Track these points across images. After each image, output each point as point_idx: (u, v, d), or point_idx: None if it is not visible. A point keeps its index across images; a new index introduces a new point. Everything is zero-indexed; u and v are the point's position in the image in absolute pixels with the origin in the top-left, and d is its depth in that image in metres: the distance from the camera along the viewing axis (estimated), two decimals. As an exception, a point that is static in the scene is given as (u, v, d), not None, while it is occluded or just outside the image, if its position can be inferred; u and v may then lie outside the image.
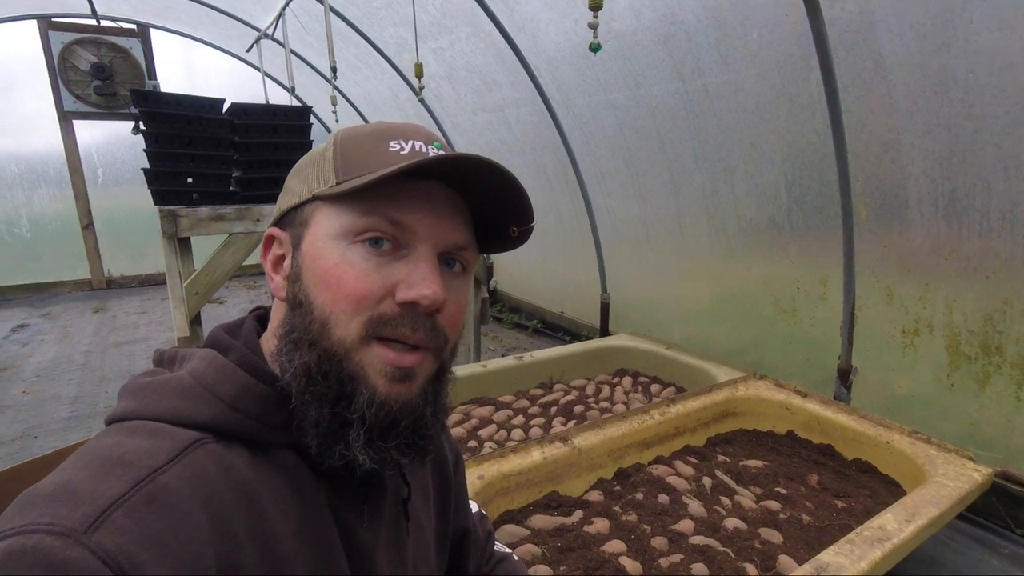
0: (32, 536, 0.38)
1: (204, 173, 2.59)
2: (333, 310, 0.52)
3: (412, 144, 0.56)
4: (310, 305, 0.53)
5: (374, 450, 0.52)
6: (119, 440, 0.47)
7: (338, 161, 0.55)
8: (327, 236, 0.54)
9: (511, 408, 2.60)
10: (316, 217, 0.55)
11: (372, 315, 0.52)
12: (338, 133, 0.59)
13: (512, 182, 0.56)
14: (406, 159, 0.54)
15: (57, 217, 6.43)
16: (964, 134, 1.99)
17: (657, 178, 3.38)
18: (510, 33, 3.59)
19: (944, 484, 1.70)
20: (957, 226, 2.11)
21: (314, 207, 0.55)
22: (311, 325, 0.53)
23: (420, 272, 0.53)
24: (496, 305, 5.64)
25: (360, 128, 0.59)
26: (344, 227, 0.53)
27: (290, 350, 0.54)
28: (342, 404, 0.52)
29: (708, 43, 2.68)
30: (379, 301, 0.52)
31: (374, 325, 0.52)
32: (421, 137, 0.57)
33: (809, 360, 2.77)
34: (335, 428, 0.52)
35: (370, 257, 0.53)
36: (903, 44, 2.04)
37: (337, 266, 0.52)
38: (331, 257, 0.53)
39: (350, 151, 0.55)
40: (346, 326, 0.52)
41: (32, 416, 3.29)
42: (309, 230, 0.55)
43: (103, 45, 6.15)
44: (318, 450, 0.53)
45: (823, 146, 2.41)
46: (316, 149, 0.60)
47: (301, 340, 0.53)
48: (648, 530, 1.73)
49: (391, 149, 0.55)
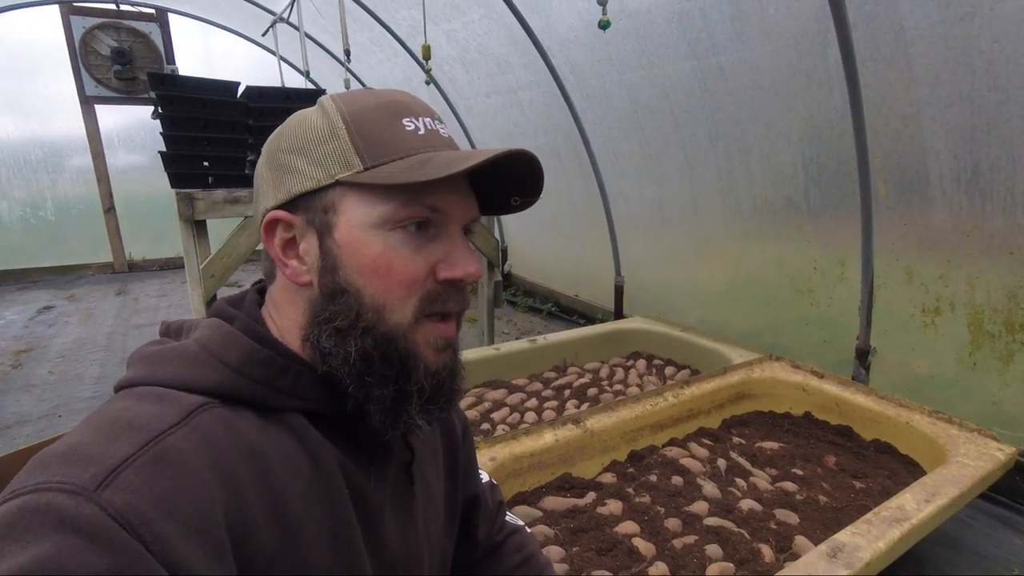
0: (45, 494, 0.39)
1: (219, 156, 2.61)
2: (388, 297, 0.55)
3: (423, 121, 0.57)
4: (359, 293, 0.54)
5: (426, 413, 0.58)
6: (128, 405, 0.48)
7: (357, 142, 0.54)
8: (365, 225, 0.54)
9: (524, 391, 2.60)
10: (345, 204, 0.54)
11: (420, 296, 0.56)
12: (339, 105, 0.56)
13: (539, 172, 0.60)
14: (426, 140, 0.56)
15: (80, 200, 6.55)
16: (988, 106, 1.93)
17: (671, 159, 3.34)
18: (523, 14, 3.54)
19: (965, 464, 1.67)
20: (980, 202, 2.06)
21: (340, 193, 0.54)
22: (363, 313, 0.54)
23: (458, 251, 0.57)
24: (510, 289, 5.64)
25: (361, 99, 0.57)
26: (384, 216, 0.54)
27: (334, 337, 0.55)
28: (401, 380, 0.56)
29: (723, 20, 2.62)
30: (424, 281, 0.56)
31: (424, 304, 0.56)
32: (424, 111, 0.58)
33: (826, 341, 2.73)
34: (398, 402, 0.56)
35: (410, 241, 0.55)
36: (925, 15, 1.97)
37: (383, 254, 0.54)
38: (375, 246, 0.54)
39: (367, 131, 0.54)
40: (401, 311, 0.55)
41: (57, 395, 3.38)
42: (340, 217, 0.54)
43: (123, 30, 6.20)
44: (383, 424, 0.57)
45: (841, 123, 2.35)
46: (311, 120, 0.56)
47: (352, 328, 0.54)
48: (662, 511, 1.73)
49: (407, 128, 0.56)
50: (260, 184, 0.60)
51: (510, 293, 5.52)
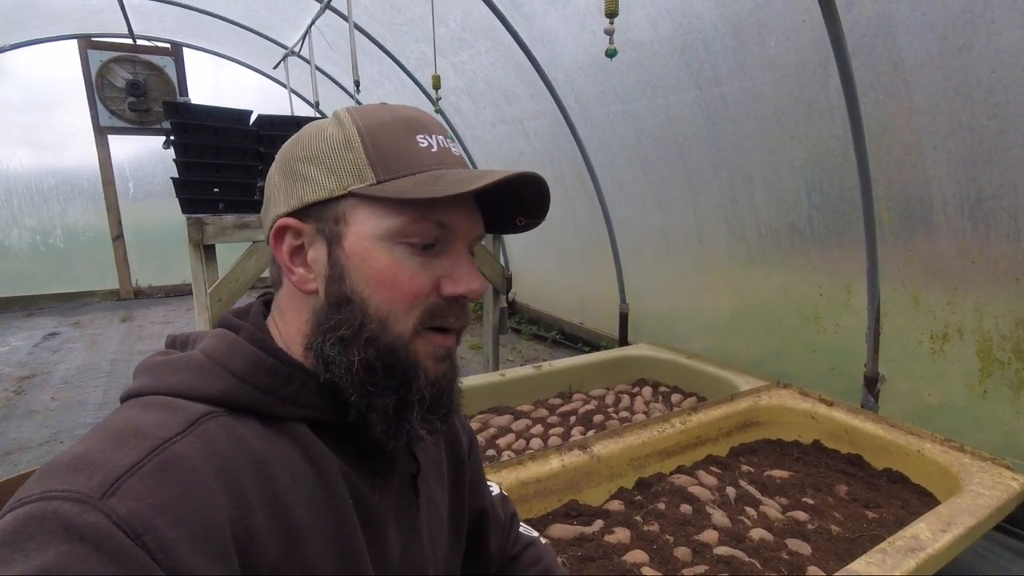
0: (51, 502, 0.39)
1: (230, 182, 2.65)
2: (392, 309, 0.55)
3: (436, 139, 0.58)
4: (364, 304, 0.55)
5: (427, 423, 0.58)
6: (134, 414, 0.48)
7: (372, 156, 0.55)
8: (374, 237, 0.55)
9: (529, 417, 2.58)
10: (356, 215, 0.55)
11: (423, 309, 0.56)
12: (355, 118, 0.57)
13: (545, 194, 0.61)
14: (438, 158, 0.57)
15: (89, 228, 6.65)
16: (988, 135, 1.95)
17: (675, 187, 3.37)
18: (529, 46, 3.63)
19: (980, 493, 1.64)
20: (984, 228, 2.06)
21: (351, 204, 0.55)
22: (367, 323, 0.55)
23: (463, 268, 0.58)
24: (514, 317, 5.64)
25: (376, 114, 0.58)
26: (392, 230, 0.55)
27: (337, 346, 0.55)
28: (403, 390, 0.56)
29: (725, 51, 2.68)
30: (428, 296, 0.56)
31: (425, 318, 0.57)
32: (438, 129, 0.59)
33: (834, 369, 2.71)
34: (400, 411, 0.56)
35: (416, 255, 0.56)
36: (923, 46, 2.01)
37: (390, 267, 0.55)
38: (383, 258, 0.55)
39: (382, 145, 0.55)
40: (404, 322, 0.56)
41: (59, 421, 3.37)
42: (351, 228, 0.55)
43: (138, 63, 6.39)
44: (385, 433, 0.57)
45: (843, 151, 2.38)
46: (327, 131, 0.57)
47: (355, 337, 0.55)
48: (671, 540, 1.70)
49: (421, 145, 0.56)
50: (271, 191, 0.60)
51: (514, 321, 5.51)
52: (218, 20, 5.67)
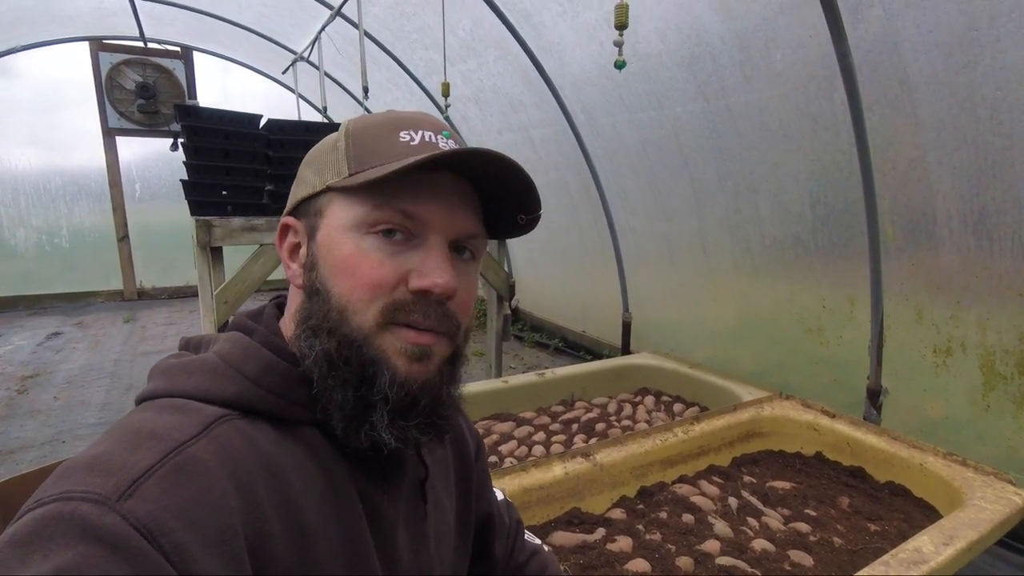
0: (69, 503, 0.40)
1: (239, 185, 2.68)
2: (350, 298, 0.54)
3: (422, 134, 0.57)
4: (327, 293, 0.55)
5: (397, 429, 0.54)
6: (149, 416, 0.49)
7: (350, 152, 0.56)
8: (341, 227, 0.55)
9: (532, 424, 2.58)
10: (330, 208, 0.57)
11: (387, 302, 0.54)
12: (349, 123, 0.60)
13: (519, 173, 0.58)
14: (417, 150, 0.55)
15: (95, 229, 6.68)
16: (993, 151, 1.97)
17: (680, 197, 3.39)
18: (537, 56, 3.67)
19: (983, 507, 1.64)
20: (988, 244, 2.08)
21: (328, 198, 0.57)
22: (329, 313, 0.54)
23: (432, 262, 0.55)
24: (518, 324, 5.64)
25: (371, 118, 0.60)
26: (358, 219, 0.55)
27: (309, 336, 0.55)
28: (364, 387, 0.54)
29: (732, 64, 2.70)
30: (393, 288, 0.54)
31: (389, 311, 0.54)
32: (430, 126, 0.59)
33: (837, 381, 2.71)
34: (360, 410, 0.54)
35: (383, 246, 0.54)
36: (929, 63, 2.03)
37: (352, 256, 0.54)
38: (346, 247, 0.55)
39: (361, 142, 0.57)
40: (363, 313, 0.54)
41: (61, 421, 3.38)
42: (324, 220, 0.57)
43: (148, 66, 6.45)
44: (344, 432, 0.54)
45: (848, 165, 2.40)
46: (329, 138, 0.61)
47: (320, 327, 0.55)
48: (673, 549, 1.70)
49: (401, 140, 0.56)
50: (289, 196, 0.64)
51: (517, 328, 5.52)
52: (229, 25, 5.72)
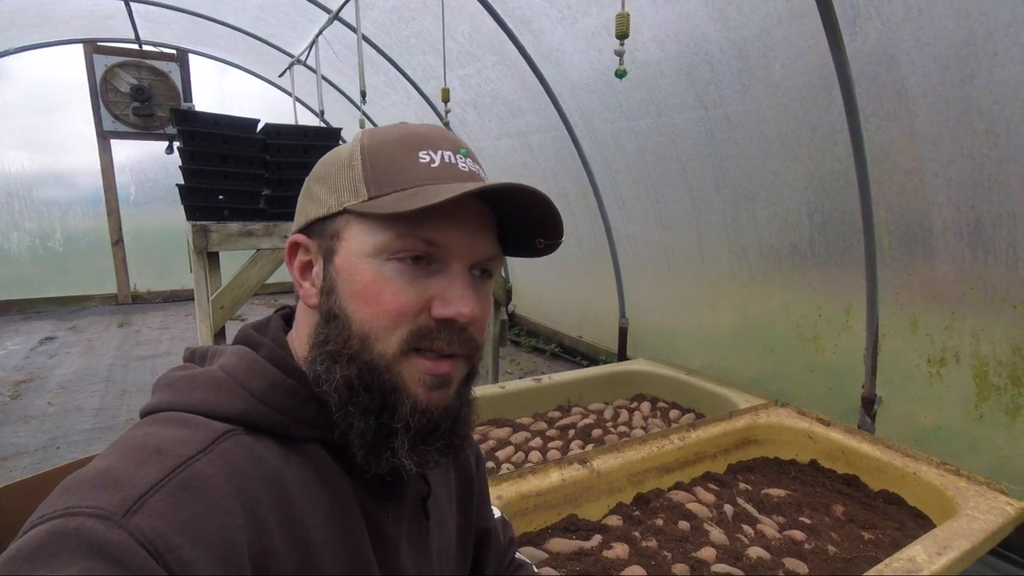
0: (75, 519, 0.40)
1: (236, 190, 2.67)
2: (373, 325, 0.54)
3: (441, 155, 0.56)
4: (347, 320, 0.54)
5: (417, 454, 0.55)
6: (154, 430, 0.49)
7: (368, 173, 0.55)
8: (362, 253, 0.54)
9: (528, 430, 2.59)
10: (348, 232, 0.55)
11: (410, 329, 0.54)
12: (363, 137, 0.59)
13: (549, 208, 0.58)
14: (437, 173, 0.55)
15: (89, 232, 6.64)
16: (989, 163, 1.99)
17: (678, 204, 3.40)
18: (536, 62, 3.68)
19: (976, 517, 1.65)
20: (983, 255, 2.10)
21: (345, 221, 0.56)
22: (350, 340, 0.54)
23: (456, 290, 0.55)
24: (514, 329, 5.65)
25: (386, 133, 0.59)
26: (379, 246, 0.54)
27: (327, 361, 0.55)
28: (386, 415, 0.54)
29: (731, 73, 2.72)
30: (416, 316, 0.54)
31: (412, 339, 0.54)
32: (447, 144, 0.58)
33: (832, 389, 2.73)
34: (381, 437, 0.54)
35: (405, 272, 0.54)
36: (926, 75, 2.05)
37: (375, 283, 0.54)
38: (367, 274, 0.54)
39: (379, 163, 0.56)
40: (386, 341, 0.54)
41: (55, 427, 3.35)
42: (342, 244, 0.56)
43: (144, 68, 6.42)
44: (365, 458, 0.54)
45: (845, 174, 2.41)
46: (341, 152, 0.60)
47: (340, 354, 0.54)
48: (669, 557, 1.70)
49: (421, 161, 0.55)
50: (297, 211, 0.63)
51: (514, 333, 5.52)
52: (226, 28, 5.71)
